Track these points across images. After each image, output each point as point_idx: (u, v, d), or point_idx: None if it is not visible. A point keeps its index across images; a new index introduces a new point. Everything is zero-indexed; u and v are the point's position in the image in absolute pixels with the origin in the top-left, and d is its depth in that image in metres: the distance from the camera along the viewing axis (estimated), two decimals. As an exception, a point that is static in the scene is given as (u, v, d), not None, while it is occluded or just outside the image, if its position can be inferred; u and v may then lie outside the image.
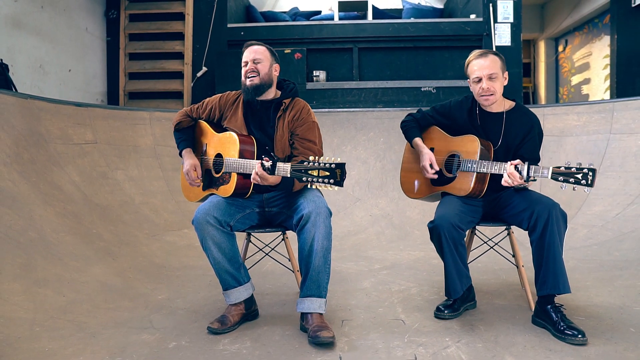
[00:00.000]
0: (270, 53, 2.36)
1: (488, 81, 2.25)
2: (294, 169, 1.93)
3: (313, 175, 1.87)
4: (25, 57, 4.41)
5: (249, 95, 2.31)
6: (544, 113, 4.73)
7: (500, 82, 2.30)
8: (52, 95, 4.65)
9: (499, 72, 2.28)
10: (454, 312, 2.28)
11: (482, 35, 5.60)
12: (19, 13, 4.33)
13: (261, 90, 2.30)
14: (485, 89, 2.26)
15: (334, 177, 1.85)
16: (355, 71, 5.87)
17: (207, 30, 5.71)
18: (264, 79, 2.30)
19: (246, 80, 2.30)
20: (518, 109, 2.39)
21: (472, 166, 2.28)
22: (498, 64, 2.28)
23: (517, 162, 2.10)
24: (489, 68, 2.25)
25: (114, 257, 3.09)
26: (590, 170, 1.95)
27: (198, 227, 2.13)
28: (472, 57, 2.31)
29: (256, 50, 2.33)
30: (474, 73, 2.29)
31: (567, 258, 3.33)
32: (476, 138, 2.32)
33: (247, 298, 2.26)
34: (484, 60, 2.27)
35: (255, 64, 2.30)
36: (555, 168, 2.01)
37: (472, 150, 2.32)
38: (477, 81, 2.28)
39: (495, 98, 2.30)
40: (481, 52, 2.29)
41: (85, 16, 5.30)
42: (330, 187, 1.87)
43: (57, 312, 2.26)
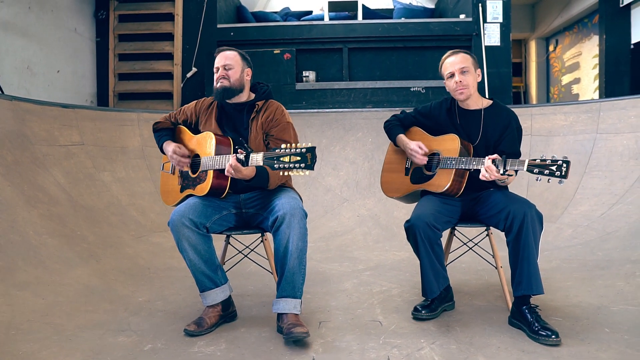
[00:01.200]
0: (241, 58, 2.37)
1: (460, 75, 2.31)
2: (266, 156, 1.94)
3: (284, 161, 1.88)
4: (12, 58, 4.40)
5: (217, 97, 2.33)
6: (532, 113, 4.74)
7: (473, 77, 2.34)
8: (40, 96, 4.66)
9: (471, 67, 2.33)
10: (431, 312, 2.29)
11: (472, 35, 5.61)
12: (5, 14, 4.32)
13: (230, 94, 2.31)
14: (458, 81, 2.31)
15: (305, 161, 1.86)
16: (345, 71, 5.88)
17: (197, 31, 5.71)
18: (234, 84, 2.32)
19: (217, 84, 2.32)
20: (495, 106, 2.42)
21: (451, 163, 2.30)
22: (469, 60, 2.35)
23: (494, 157, 2.12)
24: (460, 63, 2.32)
25: (97, 259, 3.09)
26: (564, 162, 1.97)
27: (174, 229, 2.14)
28: (445, 57, 2.37)
29: (227, 56, 2.34)
30: (446, 70, 2.35)
31: (551, 258, 3.37)
32: (456, 137, 2.35)
33: (225, 300, 2.26)
34: (455, 57, 2.35)
35: (226, 70, 2.32)
36: (531, 160, 2.03)
37: (452, 148, 2.34)
38: (450, 76, 2.34)
39: (469, 91, 2.33)
40: (452, 51, 2.36)
41: (74, 17, 5.29)
42: (302, 172, 1.87)
43: (35, 315, 2.26)
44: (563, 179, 1.97)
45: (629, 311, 2.34)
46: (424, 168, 2.44)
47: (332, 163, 4.86)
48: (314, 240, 4.05)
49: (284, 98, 5.61)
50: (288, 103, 5.59)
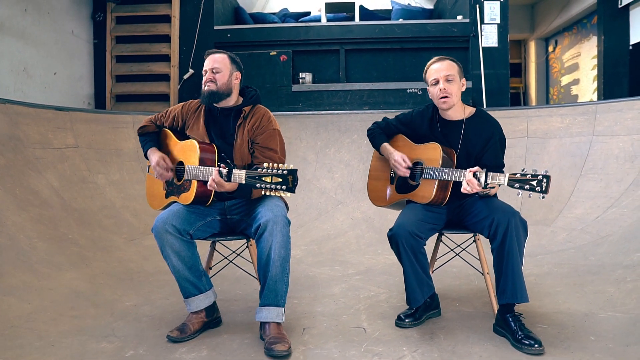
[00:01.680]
0: (230, 61, 2.35)
1: (445, 82, 2.26)
2: (249, 175, 1.94)
3: (266, 181, 1.88)
4: (7, 61, 4.42)
5: (204, 101, 2.32)
6: (529, 115, 4.72)
7: (458, 86, 2.30)
8: (36, 99, 4.67)
9: (456, 76, 2.29)
10: (416, 320, 2.28)
11: (469, 36, 5.58)
12: (0, 16, 4.33)
13: (217, 97, 2.30)
14: (443, 89, 2.26)
15: (286, 184, 1.86)
16: (342, 73, 5.87)
17: (194, 33, 5.71)
18: (222, 88, 2.30)
19: (204, 87, 2.31)
20: (478, 116, 2.38)
21: (434, 174, 2.28)
22: (455, 68, 2.30)
23: (475, 169, 2.10)
24: (446, 70, 2.27)
25: (87, 262, 3.10)
26: (544, 177, 1.96)
27: (157, 236, 2.14)
28: (430, 62, 2.33)
29: (216, 59, 2.32)
30: (431, 76, 2.31)
31: (543, 262, 3.35)
32: (438, 145, 2.32)
33: (209, 306, 2.26)
34: (441, 63, 2.30)
35: (214, 74, 2.30)
36: (511, 175, 2.02)
37: (434, 157, 2.32)
38: (435, 83, 2.29)
39: (452, 101, 2.30)
40: (439, 57, 2.32)
41: (70, 19, 5.30)
42: (283, 194, 1.87)
43: (19, 320, 2.27)
44: (544, 194, 1.95)
45: (616, 318, 2.31)
46: (408, 177, 2.43)
47: (327, 165, 4.85)
48: (307, 243, 4.05)
49: (280, 100, 5.61)
50: (284, 105, 5.60)
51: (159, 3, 5.64)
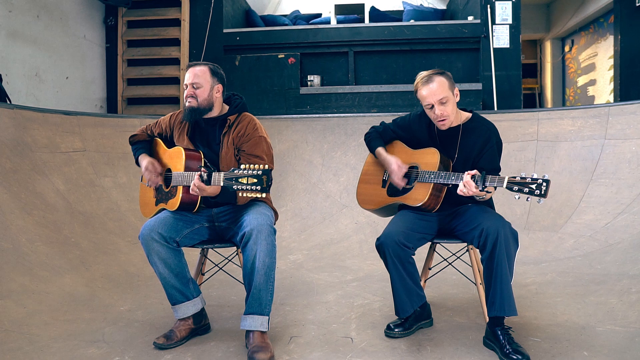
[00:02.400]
0: (211, 75, 2.32)
1: (440, 106, 2.21)
2: (226, 177, 1.94)
3: (242, 182, 1.88)
4: (20, 66, 4.52)
5: (185, 117, 2.31)
6: (539, 117, 4.61)
7: (452, 103, 2.25)
8: (48, 103, 4.78)
9: (449, 94, 2.22)
10: (405, 330, 2.25)
11: (480, 37, 5.49)
12: (13, 23, 4.44)
13: (198, 114, 2.29)
14: (440, 114, 2.22)
15: (260, 184, 1.85)
16: (351, 75, 5.84)
17: (204, 36, 5.76)
18: (202, 104, 2.28)
19: (185, 102, 2.30)
20: (475, 120, 2.34)
21: (429, 177, 2.24)
22: (446, 85, 2.22)
23: (473, 172, 2.05)
24: (438, 94, 2.20)
25: (87, 266, 3.15)
26: (544, 181, 1.91)
27: (144, 243, 2.15)
28: (418, 82, 2.25)
29: (196, 73, 2.29)
30: (425, 100, 2.24)
31: (547, 270, 3.27)
32: (437, 151, 2.30)
33: (196, 313, 2.26)
34: (432, 85, 2.21)
35: (194, 89, 2.28)
36: (510, 178, 1.97)
37: (431, 162, 2.29)
38: (430, 108, 2.24)
39: (449, 120, 2.26)
40: (427, 77, 2.23)
41: (83, 24, 5.40)
42: (259, 195, 1.86)
43: (12, 324, 2.32)
44: (542, 198, 1.91)
45: (615, 332, 2.24)
46: None
47: (333, 169, 4.82)
48: (309, 247, 4.04)
49: (288, 102, 5.61)
50: (292, 107, 5.60)
51: (169, 7, 5.70)
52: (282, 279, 3.25)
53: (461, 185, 2.06)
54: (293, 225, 4.42)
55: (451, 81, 2.25)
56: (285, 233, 4.32)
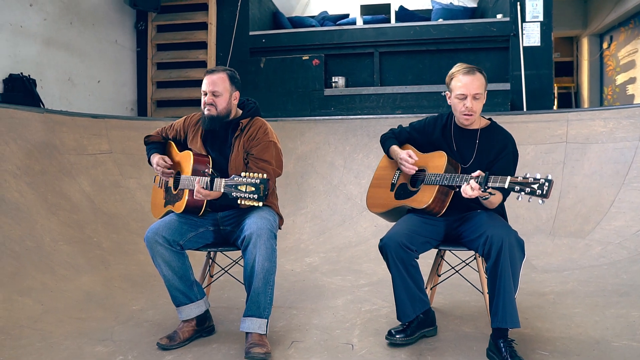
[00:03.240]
0: (230, 82, 2.35)
1: (473, 100, 2.18)
2: (226, 184, 1.97)
3: (241, 190, 1.91)
4: (54, 71, 4.72)
5: (205, 125, 2.34)
6: (568, 118, 4.43)
7: (482, 103, 2.23)
8: (80, 106, 4.96)
9: (483, 93, 2.21)
10: (407, 337, 2.20)
11: (509, 35, 5.34)
12: (48, 30, 4.64)
13: (218, 122, 2.32)
14: (469, 107, 2.19)
15: (258, 192, 1.88)
16: (376, 76, 5.79)
17: (230, 39, 5.84)
18: (222, 112, 2.32)
19: (204, 109, 2.33)
20: (493, 128, 2.32)
21: (435, 179, 2.21)
22: (484, 85, 2.21)
23: (477, 174, 2.00)
24: (476, 88, 2.18)
25: (106, 265, 3.25)
26: (546, 181, 1.84)
27: (148, 246, 2.21)
28: (459, 71, 2.22)
29: (215, 82, 2.31)
30: (458, 89, 2.21)
31: (569, 279, 3.14)
32: (444, 154, 2.27)
33: (200, 315, 2.30)
34: (472, 78, 2.18)
35: (214, 97, 2.31)
36: (512, 178, 1.91)
37: (438, 165, 2.26)
38: (462, 98, 2.20)
39: (474, 118, 2.25)
40: (469, 68, 2.21)
41: (114, 29, 5.59)
42: (255, 203, 1.88)
43: (28, 321, 2.42)
44: (544, 198, 1.84)
45: (631, 348, 2.12)
46: (408, 184, 2.37)
47: (355, 171, 4.80)
48: (327, 250, 4.04)
49: (312, 104, 5.62)
50: (316, 109, 5.60)
51: (197, 11, 5.81)
52: (294, 282, 3.27)
53: (464, 186, 2.02)
54: (312, 227, 4.43)
55: (486, 83, 2.24)
56: (304, 235, 4.34)
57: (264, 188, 1.88)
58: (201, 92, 2.37)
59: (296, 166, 4.93)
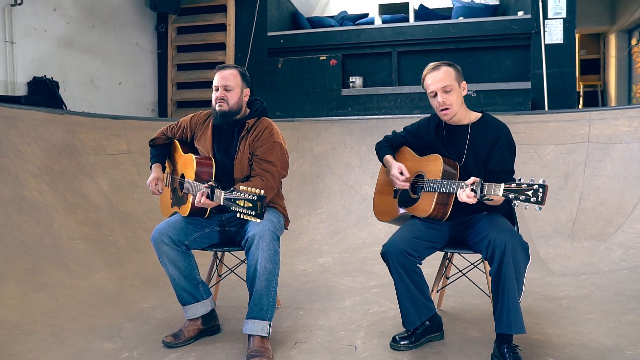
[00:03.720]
0: (241, 78, 2.38)
1: (443, 94, 2.16)
2: (226, 197, 1.96)
3: (240, 205, 1.90)
4: (76, 73, 4.85)
5: (217, 120, 2.37)
6: (590, 117, 4.30)
7: (457, 94, 2.19)
8: (102, 107, 5.08)
9: (454, 84, 2.18)
10: (412, 344, 2.17)
11: (531, 33, 5.21)
12: (71, 33, 4.77)
13: (229, 117, 2.34)
14: (441, 102, 2.16)
15: (255, 209, 1.88)
16: (394, 76, 5.74)
17: (248, 40, 5.89)
18: (233, 107, 2.34)
19: (216, 105, 2.35)
20: (484, 120, 2.25)
21: (433, 186, 2.17)
22: (452, 75, 2.18)
23: (472, 181, 1.96)
24: (442, 80, 2.16)
25: (121, 263, 3.32)
26: (540, 187, 1.78)
27: (154, 245, 2.24)
28: (426, 71, 2.23)
29: (227, 77, 2.33)
30: (429, 87, 2.21)
31: (586, 283, 3.05)
32: (439, 157, 2.21)
33: (206, 314, 2.32)
34: (437, 72, 2.18)
35: (225, 92, 2.33)
36: (506, 185, 1.86)
37: (435, 170, 2.21)
38: (433, 95, 2.19)
39: (453, 111, 2.19)
40: (434, 65, 2.21)
41: (135, 31, 5.70)
42: (253, 219, 1.88)
43: (42, 316, 2.49)
44: (540, 205, 1.78)
45: (644, 356, 2.05)
46: (410, 191, 2.34)
47: (371, 171, 4.76)
48: (340, 251, 4.02)
49: (329, 104, 5.61)
50: (334, 109, 5.59)
51: (216, 13, 5.88)
52: (305, 282, 3.27)
53: (460, 193, 1.98)
54: (327, 227, 4.42)
55: (459, 73, 2.21)
56: (318, 235, 4.34)
57: (261, 205, 1.87)
58: (212, 88, 2.39)
59: (312, 166, 4.93)
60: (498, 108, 5.09)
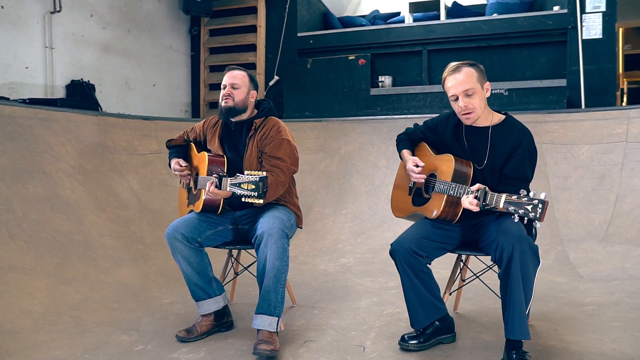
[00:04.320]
0: (249, 80, 2.44)
1: (465, 98, 2.08)
2: (231, 182, 2.02)
3: (244, 188, 1.95)
4: (112, 76, 5.04)
5: (221, 116, 2.43)
6: (630, 116, 4.10)
7: (480, 96, 2.10)
8: (137, 108, 5.27)
9: (476, 86, 2.09)
10: (420, 344, 2.14)
11: (567, 28, 5.01)
12: (107, 38, 4.96)
13: (234, 113, 2.39)
14: (463, 107, 2.09)
15: (257, 190, 1.93)
16: (425, 75, 5.66)
17: (279, 41, 5.94)
18: (239, 104, 2.39)
19: (222, 102, 2.41)
20: (507, 123, 2.17)
21: (442, 188, 2.14)
22: (474, 77, 2.09)
23: (477, 188, 1.91)
24: (464, 84, 2.07)
25: (146, 260, 3.43)
26: (540, 202, 1.73)
27: (168, 242, 2.31)
28: (446, 72, 2.15)
29: (235, 76, 2.41)
30: (449, 91, 2.14)
31: (616, 289, 2.92)
32: (452, 158, 2.17)
33: (218, 310, 2.37)
34: (458, 75, 2.09)
35: (232, 89, 2.39)
36: (507, 196, 1.80)
37: (446, 170, 2.17)
38: (455, 99, 2.12)
39: (476, 115, 2.12)
40: (455, 67, 2.12)
41: (169, 35, 5.87)
42: (255, 200, 1.92)
43: (67, 308, 2.61)
44: (537, 221, 1.72)
45: (669, 367, 1.94)
46: (423, 189, 2.30)
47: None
48: (363, 251, 4.01)
49: (358, 104, 5.59)
50: (362, 109, 5.57)
51: (247, 14, 5.97)
52: (324, 282, 3.28)
53: (464, 200, 1.93)
54: (352, 227, 4.41)
55: (482, 74, 2.11)
56: (342, 235, 4.33)
57: (263, 185, 1.92)
58: (221, 86, 2.45)
59: (339, 166, 4.93)
60: (531, 107, 4.92)
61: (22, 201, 3.12)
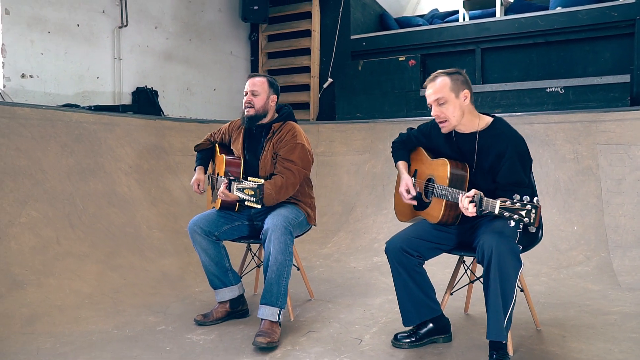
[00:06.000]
0: (269, 85, 2.61)
1: (437, 107, 2.12)
2: (237, 187, 2.19)
3: (247, 193, 2.13)
4: (174, 82, 5.48)
5: (244, 123, 2.62)
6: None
7: (454, 105, 2.10)
8: (198, 112, 5.68)
9: (449, 95, 2.09)
10: (413, 342, 2.19)
11: (635, 19, 4.68)
12: (170, 47, 5.41)
13: (256, 120, 2.58)
14: (435, 115, 2.14)
15: (256, 196, 2.09)
16: (478, 74, 5.53)
17: (332, 44, 6.10)
18: (259, 111, 2.57)
19: (245, 110, 2.61)
20: (494, 128, 2.14)
21: (441, 192, 2.17)
22: (447, 86, 2.09)
23: (473, 193, 1.93)
24: (436, 93, 2.11)
25: (189, 252, 3.73)
26: (533, 207, 1.72)
27: (189, 234, 2.56)
28: (427, 81, 2.18)
29: (255, 83, 2.59)
30: (427, 99, 2.17)
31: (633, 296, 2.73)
32: (446, 162, 2.19)
33: (234, 298, 2.58)
34: (431, 84, 2.14)
35: (253, 96, 2.58)
36: (502, 202, 1.80)
37: (442, 175, 2.20)
38: (430, 108, 2.16)
39: (450, 124, 2.13)
40: (433, 76, 2.15)
41: (229, 41, 6.24)
42: (254, 205, 2.09)
43: (110, 291, 2.95)
44: (531, 226, 1.72)
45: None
46: (423, 194, 2.34)
47: (441, 172, 4.68)
48: (397, 251, 4.04)
49: (408, 105, 5.60)
50: (412, 110, 5.56)
51: (302, 19, 6.19)
52: (349, 278, 3.39)
53: (460, 204, 1.95)
54: (390, 228, 4.45)
55: (457, 82, 2.10)
56: (380, 235, 4.39)
57: (260, 192, 2.11)
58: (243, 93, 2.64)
59: (384, 167, 4.98)
60: (591, 105, 4.65)
61: (83, 196, 3.54)
